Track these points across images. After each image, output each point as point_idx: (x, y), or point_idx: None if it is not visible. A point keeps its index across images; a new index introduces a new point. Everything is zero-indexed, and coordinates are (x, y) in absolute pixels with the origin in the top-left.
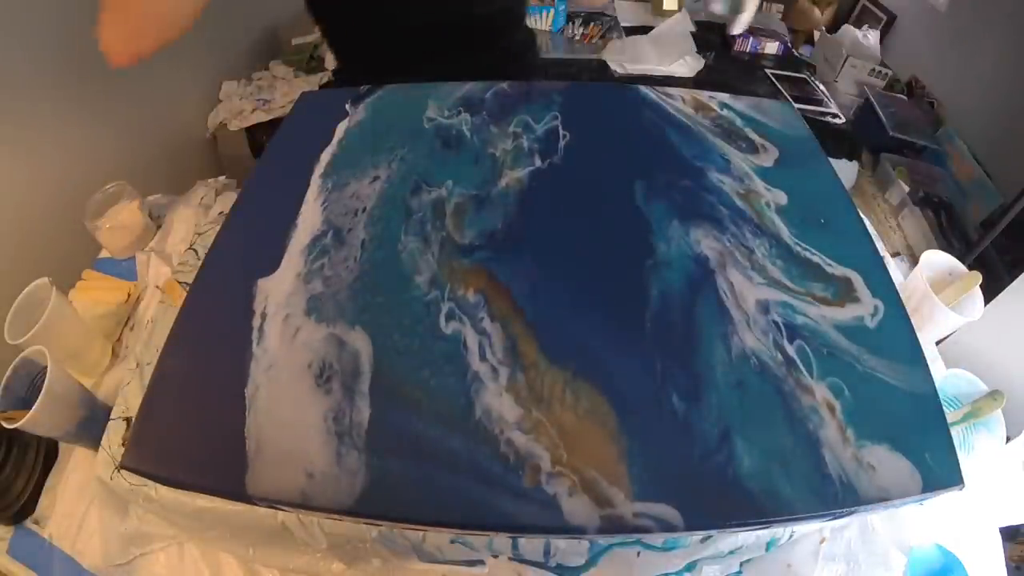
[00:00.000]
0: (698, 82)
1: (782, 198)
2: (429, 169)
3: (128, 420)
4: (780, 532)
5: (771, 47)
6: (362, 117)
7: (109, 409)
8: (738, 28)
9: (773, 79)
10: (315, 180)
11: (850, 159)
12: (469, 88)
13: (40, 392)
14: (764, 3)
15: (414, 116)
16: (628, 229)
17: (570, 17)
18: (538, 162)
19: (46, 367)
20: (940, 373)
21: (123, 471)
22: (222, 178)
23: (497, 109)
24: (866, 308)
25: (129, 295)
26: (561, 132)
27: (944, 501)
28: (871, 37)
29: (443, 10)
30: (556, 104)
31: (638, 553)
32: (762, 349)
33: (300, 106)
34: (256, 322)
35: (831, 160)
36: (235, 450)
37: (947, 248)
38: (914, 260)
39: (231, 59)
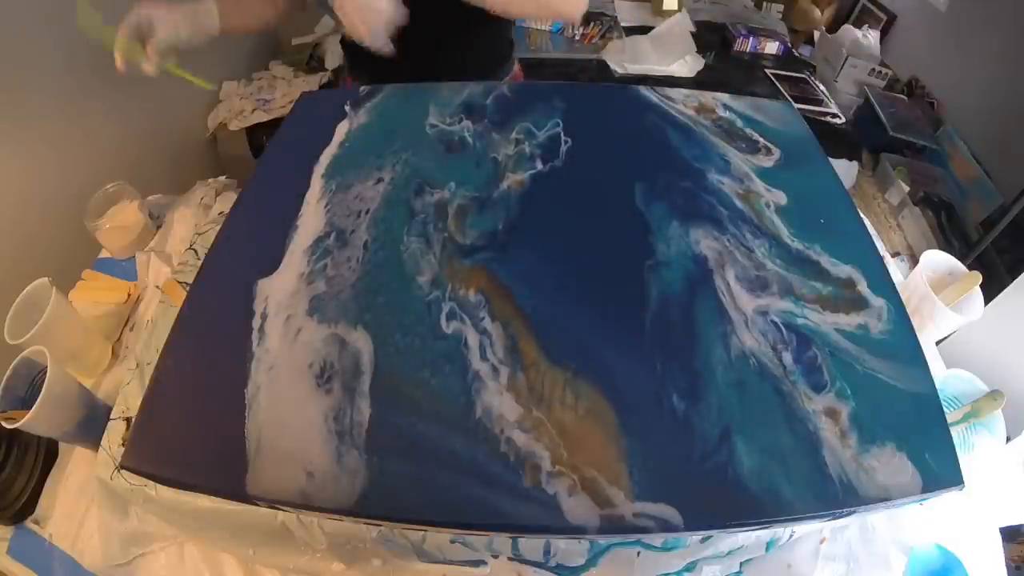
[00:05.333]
0: (698, 82)
1: (782, 198)
2: (432, 172)
3: (128, 420)
4: (780, 532)
5: (771, 47)
6: (364, 120)
7: (109, 409)
8: None
9: (773, 79)
10: (316, 181)
11: (850, 159)
12: (469, 93)
13: (40, 392)
14: (764, 3)
15: (416, 121)
16: (628, 230)
17: None
18: (540, 165)
19: (46, 367)
20: (940, 373)
21: (123, 471)
22: (222, 178)
23: (499, 116)
24: (866, 308)
25: (129, 295)
26: (563, 138)
27: (944, 501)
28: (871, 37)
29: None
30: (558, 110)
31: (638, 553)
32: (761, 349)
33: (300, 106)
34: (256, 322)
35: (831, 160)
36: (235, 450)
37: (947, 248)
38: (914, 260)
39: (231, 59)
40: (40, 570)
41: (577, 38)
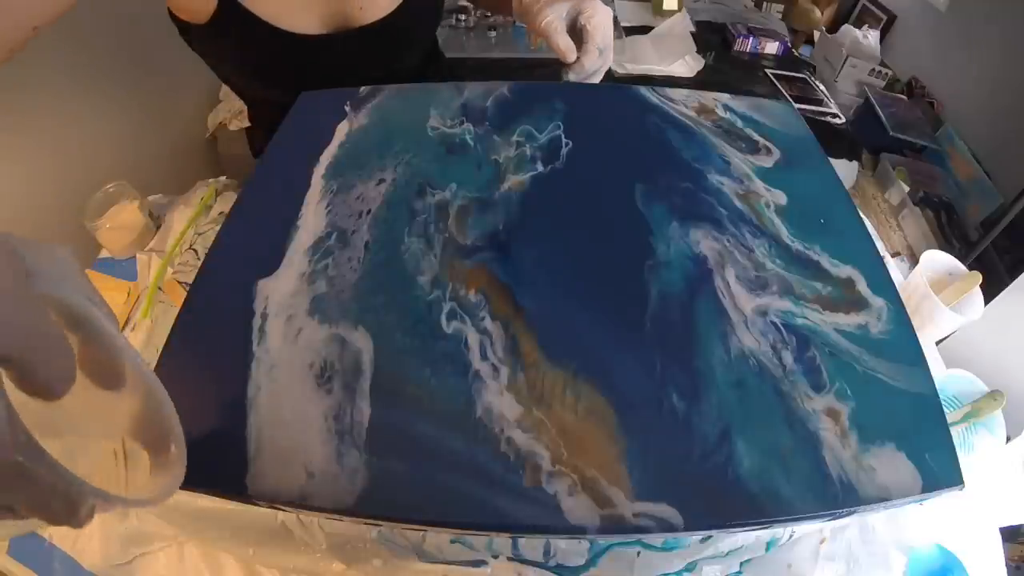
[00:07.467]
0: (698, 82)
1: (782, 198)
2: (433, 173)
3: None
4: (780, 532)
5: (771, 47)
6: (364, 121)
7: None
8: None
9: (773, 79)
10: (317, 181)
11: (850, 159)
12: (469, 95)
13: None
14: (764, 3)
15: (417, 122)
16: (628, 231)
17: None
18: (540, 167)
19: None
20: (940, 373)
21: None
22: (222, 178)
23: (499, 118)
24: (866, 308)
25: (129, 295)
26: (564, 140)
27: (944, 501)
28: (871, 37)
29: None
30: (559, 112)
31: (638, 553)
32: (761, 349)
33: (300, 106)
34: (257, 322)
35: (831, 160)
36: (235, 450)
37: (947, 248)
38: (914, 260)
39: None
40: (40, 570)
41: None
